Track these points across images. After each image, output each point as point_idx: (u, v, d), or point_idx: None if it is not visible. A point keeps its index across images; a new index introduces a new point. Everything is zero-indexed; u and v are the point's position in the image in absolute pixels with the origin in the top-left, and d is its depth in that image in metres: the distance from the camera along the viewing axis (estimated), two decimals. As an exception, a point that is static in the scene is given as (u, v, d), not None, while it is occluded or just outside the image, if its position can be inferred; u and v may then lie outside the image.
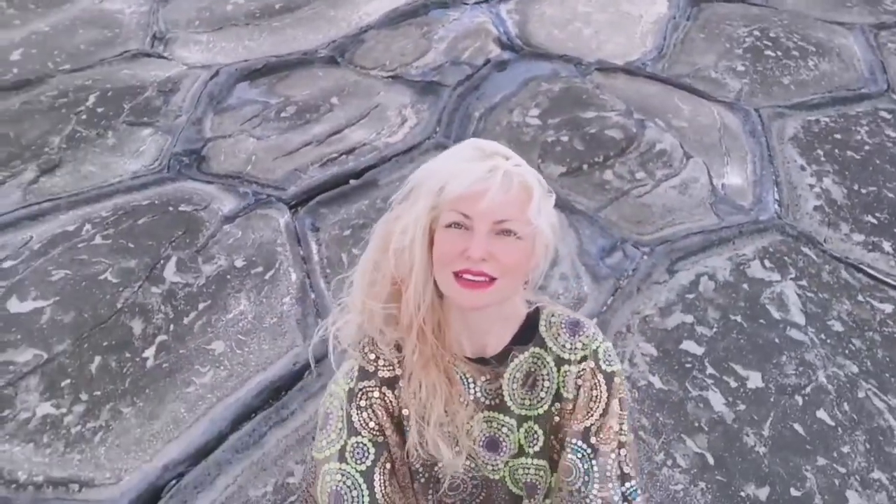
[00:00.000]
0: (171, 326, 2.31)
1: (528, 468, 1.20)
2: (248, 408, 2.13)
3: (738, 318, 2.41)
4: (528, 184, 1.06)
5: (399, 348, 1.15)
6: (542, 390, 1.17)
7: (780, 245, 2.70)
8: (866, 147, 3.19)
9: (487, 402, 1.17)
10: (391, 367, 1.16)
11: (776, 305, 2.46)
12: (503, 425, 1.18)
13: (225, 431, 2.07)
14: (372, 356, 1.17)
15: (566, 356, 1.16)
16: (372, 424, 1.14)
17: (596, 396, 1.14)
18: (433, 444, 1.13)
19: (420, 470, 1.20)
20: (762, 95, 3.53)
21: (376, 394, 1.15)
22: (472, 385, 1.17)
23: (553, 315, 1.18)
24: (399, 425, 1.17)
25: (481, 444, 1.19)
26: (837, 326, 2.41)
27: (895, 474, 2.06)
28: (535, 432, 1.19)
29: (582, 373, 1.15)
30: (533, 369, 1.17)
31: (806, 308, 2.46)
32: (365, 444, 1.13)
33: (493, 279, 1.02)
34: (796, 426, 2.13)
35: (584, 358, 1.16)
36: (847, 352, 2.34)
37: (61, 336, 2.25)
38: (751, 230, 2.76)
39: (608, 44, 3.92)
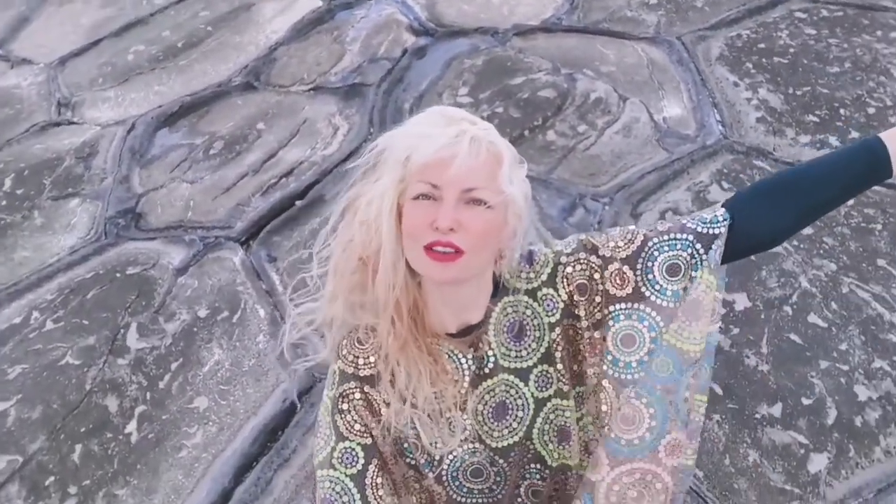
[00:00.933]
0: (148, 394, 2.21)
1: (557, 412, 1.14)
2: (247, 457, 2.05)
3: (711, 246, 2.40)
4: (498, 150, 1.01)
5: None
6: (534, 330, 1.11)
7: (733, 164, 2.70)
8: (791, 50, 3.21)
9: (485, 371, 1.12)
10: (372, 365, 1.11)
11: (744, 224, 2.46)
12: (510, 387, 1.13)
13: (229, 487, 2.00)
14: (350, 357, 1.12)
15: (535, 284, 1.11)
16: (357, 427, 1.11)
17: (592, 272, 1.08)
18: (425, 427, 1.09)
19: (424, 462, 1.15)
20: (680, 23, 3.52)
21: (358, 395, 1.11)
22: (462, 360, 1.11)
23: (510, 260, 1.13)
24: (388, 424, 1.12)
25: (490, 415, 1.13)
26: (807, 229, 2.41)
27: (895, 359, 2.07)
28: (546, 373, 1.12)
29: (565, 279, 1.09)
30: (515, 318, 1.11)
31: (773, 219, 2.46)
32: (353, 449, 1.10)
33: (460, 252, 0.97)
34: (792, 336, 2.13)
35: (553, 270, 1.10)
36: (822, 251, 2.34)
37: (33, 434, 2.13)
38: (702, 156, 2.75)
39: (519, 7, 3.88)
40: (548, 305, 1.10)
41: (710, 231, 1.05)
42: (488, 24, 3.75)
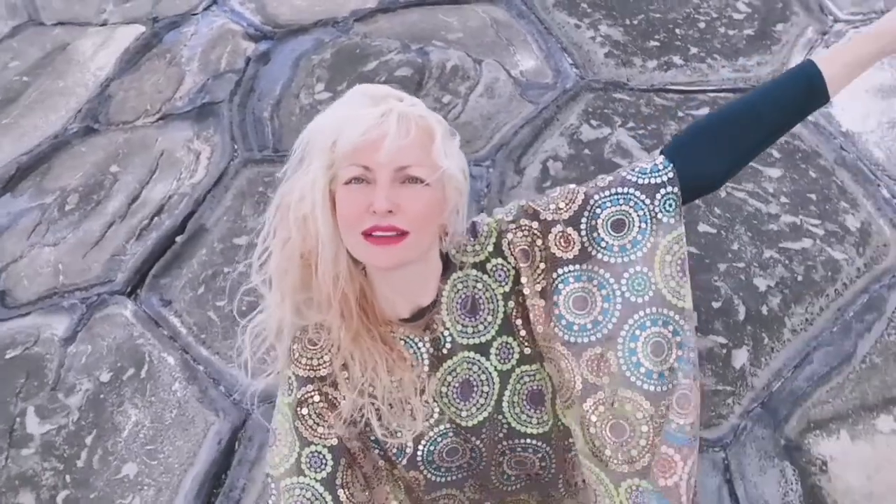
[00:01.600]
0: (68, 477, 2.03)
1: (524, 380, 1.13)
2: (195, 511, 1.94)
3: (596, 183, 2.49)
4: (428, 124, 0.98)
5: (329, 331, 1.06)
6: (488, 303, 1.09)
7: (596, 101, 2.80)
8: (618, -16, 3.35)
9: (443, 352, 1.10)
10: (328, 364, 1.08)
11: (620, 155, 2.56)
12: (472, 364, 1.11)
13: (185, 546, 1.88)
14: (304, 360, 1.08)
15: (482, 256, 1.09)
16: (321, 430, 1.07)
17: (534, 238, 1.06)
18: (384, 417, 1.07)
19: (396, 451, 1.13)
20: (510, -21, 3.59)
21: (317, 397, 1.08)
22: (418, 344, 1.09)
23: (454, 237, 1.10)
24: (351, 420, 1.09)
25: (456, 395, 1.11)
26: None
27: (780, 246, 2.25)
28: (507, 344, 1.11)
29: (510, 246, 1.07)
30: (466, 293, 1.09)
31: (644, 144, 2.59)
32: (320, 452, 1.07)
33: (404, 233, 0.94)
34: (689, 248, 2.24)
35: (498, 239, 1.08)
36: (695, 165, 2.48)
37: (-51, 556, 1.92)
38: (565, 100, 2.83)
39: (351, -7, 3.83)
40: (499, 276, 1.08)
41: (651, 181, 1.04)
42: (325, 15, 3.67)
